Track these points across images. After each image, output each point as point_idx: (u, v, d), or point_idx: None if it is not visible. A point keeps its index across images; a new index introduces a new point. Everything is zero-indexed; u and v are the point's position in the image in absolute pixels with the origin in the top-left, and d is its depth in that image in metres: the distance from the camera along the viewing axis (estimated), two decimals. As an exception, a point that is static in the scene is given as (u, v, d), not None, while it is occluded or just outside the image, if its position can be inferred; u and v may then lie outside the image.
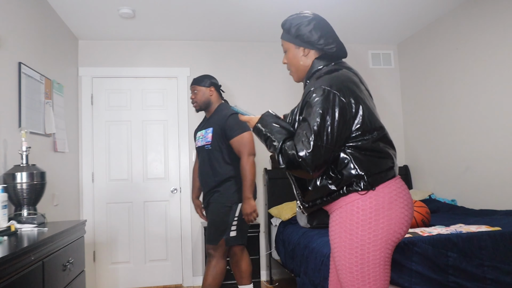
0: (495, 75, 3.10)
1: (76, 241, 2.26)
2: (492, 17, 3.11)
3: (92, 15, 3.38)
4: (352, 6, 3.39)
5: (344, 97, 1.45)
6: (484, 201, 3.22)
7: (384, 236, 1.45)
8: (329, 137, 1.42)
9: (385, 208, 1.45)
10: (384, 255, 1.46)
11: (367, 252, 1.45)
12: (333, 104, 1.43)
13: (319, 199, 1.53)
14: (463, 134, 3.45)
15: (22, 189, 2.15)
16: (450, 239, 2.09)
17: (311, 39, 1.61)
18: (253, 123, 1.62)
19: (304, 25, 1.61)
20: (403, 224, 1.48)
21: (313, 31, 1.60)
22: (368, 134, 1.48)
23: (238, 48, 4.20)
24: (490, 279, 2.07)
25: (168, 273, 3.92)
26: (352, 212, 1.46)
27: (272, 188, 3.93)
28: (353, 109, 1.47)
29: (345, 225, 1.48)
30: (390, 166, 1.51)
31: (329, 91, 1.45)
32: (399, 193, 1.49)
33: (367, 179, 1.45)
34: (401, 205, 1.47)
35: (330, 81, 1.48)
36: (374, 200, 1.45)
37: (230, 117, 2.69)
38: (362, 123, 1.47)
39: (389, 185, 1.48)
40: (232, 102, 4.13)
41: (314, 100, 1.45)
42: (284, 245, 3.30)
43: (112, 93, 3.96)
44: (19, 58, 2.55)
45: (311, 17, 1.63)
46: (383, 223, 1.44)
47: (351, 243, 1.46)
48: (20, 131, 2.40)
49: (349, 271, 1.48)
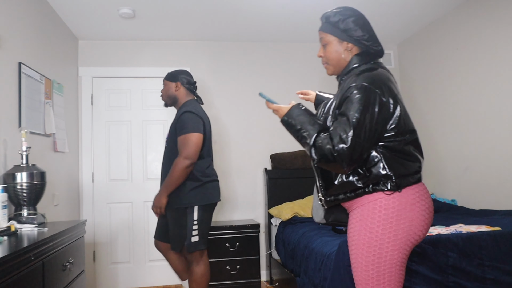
0: (495, 75, 3.09)
1: (76, 241, 2.26)
2: (492, 17, 3.11)
3: (92, 15, 3.38)
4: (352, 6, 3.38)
5: (384, 96, 1.45)
6: (484, 201, 3.22)
7: (404, 237, 1.45)
8: (366, 134, 1.41)
9: (407, 210, 1.45)
10: (401, 256, 1.46)
11: (385, 251, 1.45)
12: (373, 102, 1.43)
13: (343, 194, 1.52)
14: (463, 134, 3.45)
15: (22, 189, 2.15)
16: (450, 239, 2.09)
17: (357, 35, 1.59)
18: (281, 113, 1.59)
19: (352, 20, 1.60)
20: (423, 227, 1.48)
21: (361, 27, 1.59)
22: (401, 136, 1.49)
23: (238, 48, 4.20)
24: (490, 279, 2.07)
25: (168, 273, 3.92)
26: (374, 211, 1.46)
27: (272, 188, 3.93)
28: (390, 109, 1.47)
29: (366, 223, 1.47)
30: (417, 170, 1.52)
31: (370, 89, 1.44)
32: (422, 196, 1.49)
33: (395, 179, 1.45)
34: (423, 208, 1.48)
35: (371, 79, 1.47)
36: (398, 200, 1.45)
37: (183, 114, 2.54)
38: (397, 124, 1.48)
39: (413, 187, 1.49)
40: (233, 103, 4.13)
41: (355, 97, 1.44)
42: (284, 245, 3.30)
43: (112, 93, 3.96)
44: (19, 58, 2.55)
45: (358, 13, 1.62)
46: (404, 223, 1.44)
47: (370, 241, 1.46)
48: (20, 131, 2.40)
49: (365, 269, 1.48)
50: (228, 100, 4.14)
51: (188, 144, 2.47)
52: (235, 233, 3.63)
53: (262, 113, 4.17)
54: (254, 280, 3.62)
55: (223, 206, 4.04)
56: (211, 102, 4.11)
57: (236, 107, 4.14)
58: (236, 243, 3.62)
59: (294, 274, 2.97)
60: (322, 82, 4.26)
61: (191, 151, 2.46)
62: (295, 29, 3.87)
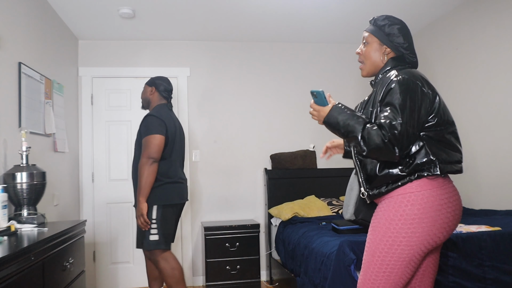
0: (495, 75, 3.10)
1: (76, 241, 2.26)
2: (492, 17, 3.11)
3: (92, 15, 3.38)
4: (352, 6, 3.39)
5: (424, 87, 1.53)
6: (484, 201, 3.22)
7: (422, 236, 1.47)
8: (414, 120, 1.47)
9: (433, 209, 1.47)
10: (411, 256, 1.48)
11: (396, 247, 1.48)
12: (415, 91, 1.50)
13: (385, 185, 1.54)
14: (463, 134, 3.45)
15: (22, 189, 2.15)
16: (450, 239, 2.09)
17: (398, 41, 1.68)
18: (322, 115, 1.61)
19: (397, 27, 1.69)
20: (445, 229, 1.50)
21: (403, 35, 1.68)
22: (441, 126, 1.54)
23: (238, 48, 4.20)
24: (490, 279, 2.07)
25: (168, 273, 3.92)
26: (401, 204, 1.49)
27: (272, 188, 3.93)
28: (430, 99, 1.53)
29: (389, 214, 1.51)
30: (459, 159, 1.56)
31: (411, 80, 1.52)
32: (451, 198, 1.51)
33: (438, 164, 1.49)
34: (449, 210, 1.49)
35: (410, 73, 1.55)
36: (426, 198, 1.47)
37: (146, 118, 2.67)
38: (437, 113, 1.54)
39: (445, 187, 1.51)
40: (233, 103, 4.13)
41: (398, 88, 1.50)
42: (284, 245, 3.30)
43: (112, 93, 3.96)
44: (19, 58, 2.55)
45: (404, 24, 1.71)
46: (426, 223, 1.46)
47: (386, 231, 1.50)
48: (20, 131, 2.40)
49: (372, 254, 1.54)
50: (228, 100, 4.14)
51: (149, 145, 2.58)
52: (235, 233, 3.63)
53: (262, 113, 4.17)
54: (254, 280, 3.62)
55: (223, 206, 4.04)
56: (211, 102, 4.11)
57: (236, 107, 4.14)
58: (236, 243, 3.62)
59: (294, 274, 2.98)
60: (322, 82, 4.26)
61: (152, 151, 2.57)
62: (295, 29, 3.87)
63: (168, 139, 2.66)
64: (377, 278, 1.52)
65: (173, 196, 2.67)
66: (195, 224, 3.98)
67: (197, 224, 3.99)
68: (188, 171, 3.98)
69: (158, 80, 2.87)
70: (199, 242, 3.97)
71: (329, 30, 3.94)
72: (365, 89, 4.37)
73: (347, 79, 4.34)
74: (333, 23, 3.77)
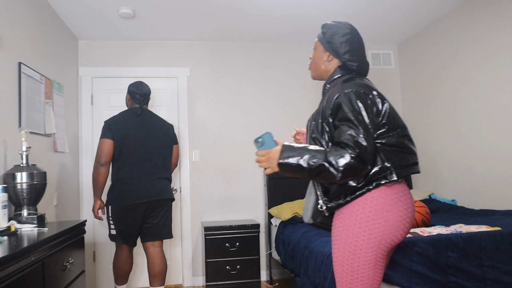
0: (495, 75, 3.09)
1: (76, 241, 2.26)
2: (492, 17, 3.11)
3: (92, 15, 3.39)
4: (352, 6, 3.39)
5: (370, 94, 1.56)
6: (484, 201, 3.22)
7: (379, 236, 1.49)
8: (372, 131, 1.50)
9: (384, 210, 1.49)
10: (376, 256, 1.51)
11: (359, 250, 1.51)
12: (365, 102, 1.52)
13: (343, 197, 1.54)
14: (463, 134, 3.45)
15: (22, 189, 2.15)
16: (450, 239, 2.09)
17: (338, 50, 1.70)
18: (274, 158, 1.51)
19: (339, 36, 1.70)
20: (401, 228, 1.51)
21: (344, 44, 1.69)
22: (393, 131, 1.56)
23: (238, 48, 4.20)
24: (490, 279, 2.07)
25: (168, 273, 3.92)
26: (353, 210, 1.52)
27: (272, 188, 3.93)
28: (379, 106, 1.56)
29: (345, 221, 1.54)
30: (415, 161, 1.59)
31: (357, 92, 1.54)
32: (401, 197, 1.53)
33: (394, 170, 1.51)
34: (401, 209, 1.52)
35: (355, 84, 1.58)
36: (376, 200, 1.50)
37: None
38: (387, 120, 1.56)
39: (394, 187, 1.53)
40: (232, 103, 4.13)
41: (347, 101, 1.52)
42: (284, 245, 3.30)
43: (112, 93, 3.96)
44: (19, 58, 2.55)
45: (348, 31, 1.71)
46: (380, 223, 1.49)
47: (347, 238, 1.53)
48: (20, 131, 2.40)
49: (341, 264, 1.56)
50: (228, 100, 4.14)
51: (97, 149, 2.91)
52: (235, 233, 3.63)
53: (262, 113, 4.17)
54: (254, 280, 3.62)
55: (223, 206, 4.04)
56: (211, 102, 4.11)
57: (236, 107, 4.14)
58: (236, 243, 3.62)
59: (294, 274, 2.97)
60: (321, 82, 4.26)
61: (97, 154, 2.89)
62: (295, 29, 3.87)
63: (115, 142, 2.87)
64: (353, 286, 1.54)
65: (121, 198, 2.86)
66: (195, 224, 3.98)
67: (197, 224, 3.99)
68: (188, 171, 3.98)
69: (130, 87, 3.06)
70: (199, 242, 3.97)
71: (329, 30, 3.94)
72: (365, 89, 4.37)
73: (347, 79, 4.34)
74: (333, 23, 3.77)
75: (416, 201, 2.66)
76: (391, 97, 4.42)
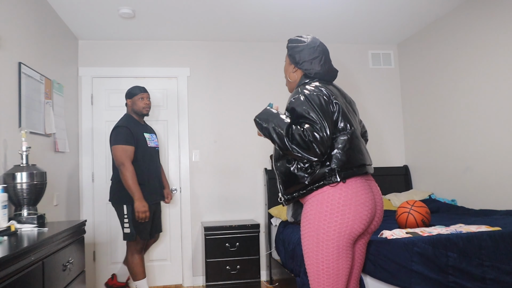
0: (495, 75, 3.09)
1: (76, 241, 2.26)
2: (492, 17, 3.11)
3: (92, 15, 3.39)
4: (352, 6, 3.39)
5: (324, 97, 1.72)
6: (484, 201, 3.22)
7: (337, 229, 1.63)
8: (328, 125, 1.64)
9: (340, 205, 1.63)
10: (337, 247, 1.64)
11: (321, 243, 1.65)
12: (318, 102, 1.69)
13: (297, 192, 1.75)
14: (463, 134, 3.45)
15: (22, 189, 2.15)
16: (450, 239, 2.09)
17: (297, 61, 1.91)
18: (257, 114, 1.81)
19: (297, 49, 1.91)
20: (358, 220, 1.64)
21: (301, 54, 1.89)
22: (343, 131, 1.71)
23: (238, 48, 4.20)
24: (490, 279, 2.07)
25: (168, 273, 3.92)
26: (313, 206, 1.69)
27: (272, 188, 3.93)
28: (331, 107, 1.72)
29: (307, 217, 1.71)
30: (363, 163, 1.72)
31: (310, 93, 1.72)
32: (358, 191, 1.66)
33: (339, 172, 1.65)
34: (358, 203, 1.64)
35: (308, 89, 1.76)
36: (332, 196, 1.64)
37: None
38: (339, 120, 1.72)
39: (356, 179, 1.67)
40: (232, 103, 4.13)
41: (304, 99, 1.70)
42: (284, 245, 3.30)
43: (112, 93, 3.96)
44: (19, 58, 2.55)
45: (306, 43, 1.90)
46: (337, 217, 1.63)
47: (309, 233, 1.69)
48: (20, 131, 2.40)
49: (308, 257, 1.71)
50: (228, 100, 4.14)
51: (115, 154, 3.13)
52: (235, 233, 3.63)
53: (262, 113, 4.17)
54: (254, 280, 3.62)
55: (223, 206, 4.04)
56: (211, 102, 4.11)
57: (236, 107, 4.14)
58: (236, 243, 3.62)
59: (294, 274, 2.97)
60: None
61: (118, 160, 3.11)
62: (295, 29, 3.87)
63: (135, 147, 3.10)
64: (319, 277, 1.67)
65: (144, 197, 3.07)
66: (195, 224, 3.98)
67: (197, 224, 3.99)
68: (188, 171, 3.98)
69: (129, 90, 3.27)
70: (199, 242, 3.97)
71: (329, 30, 3.94)
72: (363, 88, 4.37)
73: (347, 78, 4.34)
74: (333, 23, 3.77)
75: (416, 201, 2.67)
76: (391, 97, 4.42)
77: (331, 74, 1.92)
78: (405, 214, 2.58)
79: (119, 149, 3.02)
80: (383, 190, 4.09)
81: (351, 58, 4.36)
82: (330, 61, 1.93)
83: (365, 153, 1.78)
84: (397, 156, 4.37)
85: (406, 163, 4.35)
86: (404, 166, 4.29)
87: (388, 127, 4.39)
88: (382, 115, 4.38)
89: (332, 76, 1.93)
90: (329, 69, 1.91)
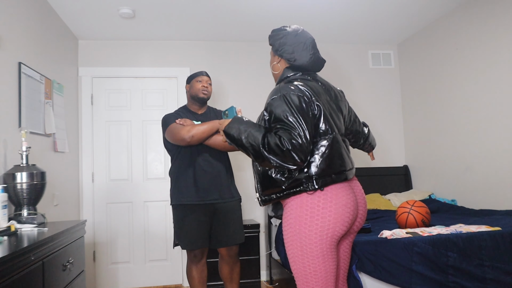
0: (495, 75, 3.09)
1: (76, 241, 2.26)
2: (492, 17, 3.11)
3: (92, 15, 3.38)
4: (352, 6, 3.39)
5: (304, 98, 1.61)
6: (484, 201, 3.22)
7: (319, 232, 1.58)
8: (306, 130, 1.55)
9: (320, 207, 1.58)
10: (321, 249, 1.59)
11: (305, 245, 1.60)
12: (298, 104, 1.59)
13: (275, 194, 1.69)
14: (463, 134, 3.45)
15: (22, 189, 2.15)
16: (450, 239, 2.09)
17: (278, 50, 1.82)
18: (224, 124, 1.74)
19: (277, 38, 1.82)
20: (340, 222, 1.59)
21: (282, 43, 1.80)
22: (319, 136, 1.63)
23: (238, 48, 4.20)
24: (490, 279, 2.07)
25: (168, 273, 3.92)
26: (292, 210, 1.63)
27: (272, 188, 3.92)
28: (311, 109, 1.62)
29: (288, 221, 1.66)
30: (342, 169, 1.64)
31: (288, 94, 1.61)
32: (338, 193, 1.60)
33: (317, 180, 1.58)
34: (338, 206, 1.59)
35: (289, 88, 1.64)
36: (311, 199, 1.59)
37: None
38: (317, 125, 1.63)
39: (336, 186, 1.61)
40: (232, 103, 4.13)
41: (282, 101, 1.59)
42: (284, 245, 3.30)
43: (112, 93, 3.96)
44: (19, 58, 2.55)
45: (287, 32, 1.81)
46: (318, 220, 1.58)
47: (292, 238, 1.64)
48: (20, 131, 2.40)
49: (293, 261, 1.66)
50: (228, 100, 4.14)
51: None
52: (235, 233, 3.62)
53: (262, 113, 4.17)
54: (254, 280, 3.62)
55: (223, 206, 4.04)
56: (211, 102, 4.11)
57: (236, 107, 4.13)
58: (236, 243, 3.61)
59: (294, 274, 2.97)
60: (322, 82, 4.26)
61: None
62: (295, 29, 3.87)
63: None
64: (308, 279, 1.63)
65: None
66: (195, 224, 3.98)
67: (197, 224, 3.99)
68: (188, 171, 3.98)
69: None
70: (199, 242, 3.96)
71: (329, 30, 3.94)
72: (363, 88, 4.37)
73: (347, 78, 4.34)
74: (333, 23, 3.77)
75: (416, 201, 2.67)
76: (391, 97, 4.42)
77: (317, 63, 1.81)
78: (405, 214, 2.58)
79: (170, 129, 2.52)
80: (383, 190, 4.09)
81: (351, 58, 4.36)
82: (315, 49, 1.81)
83: (346, 158, 1.69)
84: (397, 156, 4.37)
85: (406, 163, 4.35)
86: (404, 166, 4.29)
87: (388, 127, 4.39)
88: (382, 115, 4.38)
89: (318, 66, 1.82)
90: (314, 58, 1.79)
